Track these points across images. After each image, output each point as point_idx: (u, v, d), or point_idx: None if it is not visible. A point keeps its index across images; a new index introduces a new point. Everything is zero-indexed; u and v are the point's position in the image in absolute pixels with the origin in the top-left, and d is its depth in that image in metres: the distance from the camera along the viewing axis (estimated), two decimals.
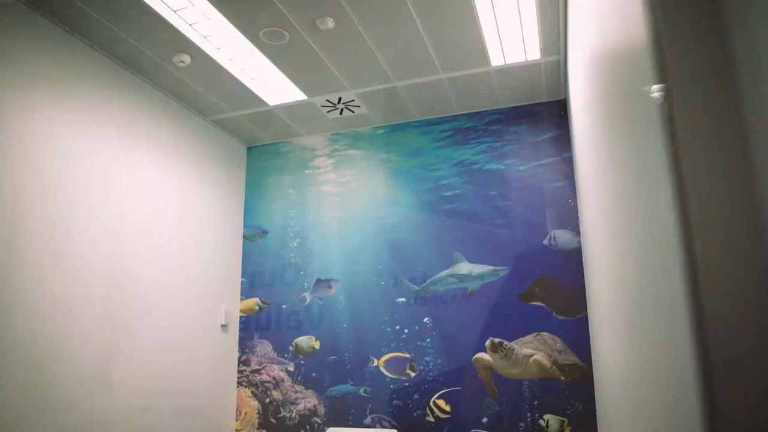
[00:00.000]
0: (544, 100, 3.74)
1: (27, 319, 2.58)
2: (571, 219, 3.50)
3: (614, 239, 1.68)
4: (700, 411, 0.72)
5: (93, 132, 3.05)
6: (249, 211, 4.39)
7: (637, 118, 1.07)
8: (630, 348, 1.48)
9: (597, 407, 3.14)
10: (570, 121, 3.47)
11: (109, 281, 3.08)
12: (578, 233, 3.46)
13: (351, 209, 4.07)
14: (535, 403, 3.37)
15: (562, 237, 3.49)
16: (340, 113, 3.93)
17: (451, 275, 3.69)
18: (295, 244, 4.17)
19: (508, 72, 3.39)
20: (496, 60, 3.25)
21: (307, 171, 4.29)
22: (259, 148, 4.50)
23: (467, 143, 3.87)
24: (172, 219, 3.61)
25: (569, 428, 3.28)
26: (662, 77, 0.82)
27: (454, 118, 3.95)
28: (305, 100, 3.72)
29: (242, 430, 4.03)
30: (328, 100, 3.74)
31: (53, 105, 2.81)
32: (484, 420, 3.45)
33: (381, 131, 4.14)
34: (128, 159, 3.28)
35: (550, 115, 3.73)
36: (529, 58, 3.25)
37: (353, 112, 3.91)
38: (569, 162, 3.58)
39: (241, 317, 4.22)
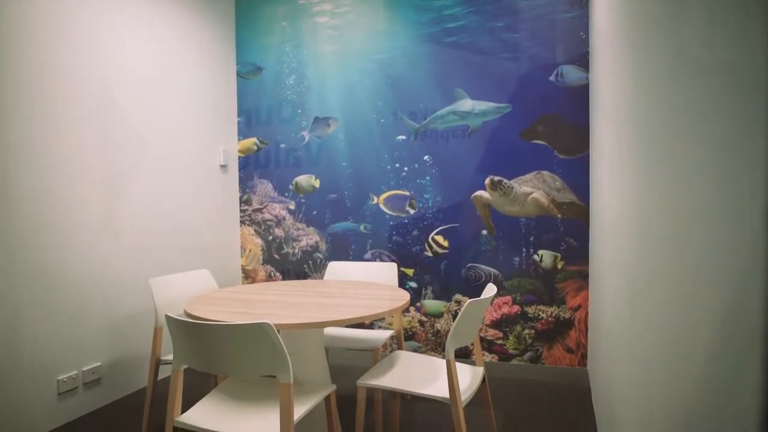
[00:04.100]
0: None
1: (27, 171, 2.55)
2: (580, 54, 3.32)
3: (631, 74, 1.58)
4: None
5: None
6: (241, 47, 4.16)
7: None
8: (635, 187, 1.45)
9: (590, 243, 3.23)
10: None
11: (102, 125, 3.00)
12: (587, 69, 3.30)
13: (348, 43, 3.85)
14: (531, 239, 3.46)
15: (569, 73, 3.34)
16: None
17: (453, 112, 3.59)
18: (291, 81, 4.02)
19: None
20: None
21: (301, 1, 3.99)
22: None
23: None
24: (159, 58, 3.43)
25: (562, 263, 3.41)
26: None
27: None
28: None
29: (248, 265, 4.20)
30: None
31: None
32: (481, 255, 3.57)
33: None
34: None
35: None
36: None
37: None
38: None
39: (240, 157, 4.20)
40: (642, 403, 1.28)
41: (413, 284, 3.73)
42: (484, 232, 3.55)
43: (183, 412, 1.92)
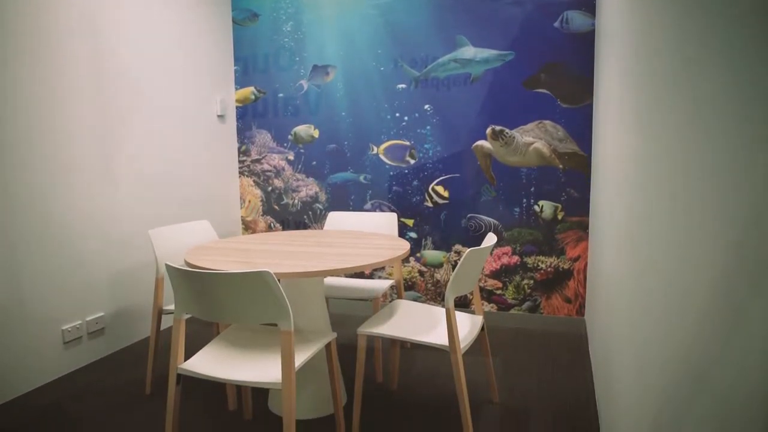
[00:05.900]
0: None
1: (24, 125, 2.50)
2: None
3: (638, 18, 1.52)
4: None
5: None
6: None
7: None
8: (638, 139, 1.42)
9: (591, 194, 3.21)
10: None
11: (96, 75, 2.93)
12: (593, 14, 3.21)
13: None
14: (532, 189, 3.44)
15: (575, 19, 3.25)
16: None
17: (454, 60, 3.51)
18: (288, 28, 3.91)
19: None
20: None
21: None
22: None
23: None
24: (152, 5, 3.33)
25: (562, 213, 3.40)
26: None
27: None
28: None
29: (248, 216, 4.20)
30: None
31: None
32: (481, 205, 3.56)
33: None
34: None
35: None
36: None
37: None
38: None
39: (237, 107, 4.13)
40: (638, 348, 1.29)
41: (413, 234, 3.74)
42: (486, 175, 3.52)
43: (186, 360, 1.94)
